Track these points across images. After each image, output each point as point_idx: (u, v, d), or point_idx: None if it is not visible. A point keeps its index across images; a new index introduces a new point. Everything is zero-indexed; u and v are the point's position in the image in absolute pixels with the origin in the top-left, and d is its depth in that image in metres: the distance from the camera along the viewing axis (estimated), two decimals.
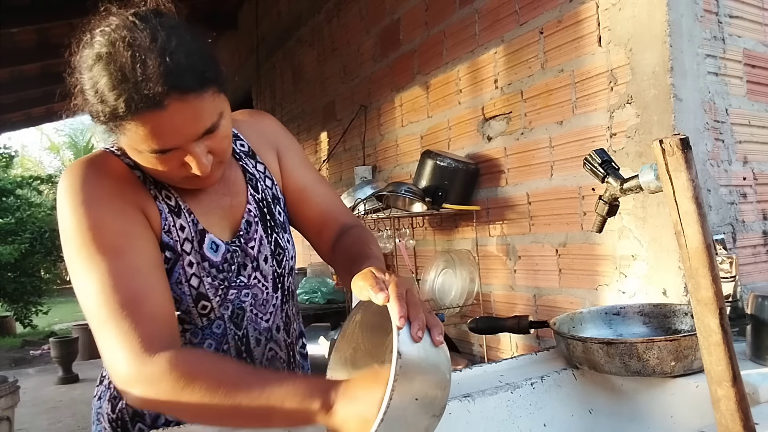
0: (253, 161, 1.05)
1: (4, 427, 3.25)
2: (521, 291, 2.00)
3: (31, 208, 9.69)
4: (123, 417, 0.98)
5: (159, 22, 0.78)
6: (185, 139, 0.80)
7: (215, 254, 0.94)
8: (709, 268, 0.64)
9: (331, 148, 3.51)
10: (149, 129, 0.77)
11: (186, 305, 0.92)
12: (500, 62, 2.03)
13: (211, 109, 0.81)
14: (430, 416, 0.65)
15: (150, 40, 0.75)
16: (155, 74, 0.74)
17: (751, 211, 1.57)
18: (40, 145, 34.62)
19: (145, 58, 0.74)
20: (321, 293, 3.08)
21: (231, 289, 0.96)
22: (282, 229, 1.05)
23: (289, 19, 4.08)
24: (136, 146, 0.81)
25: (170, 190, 0.93)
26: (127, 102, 0.74)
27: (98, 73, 0.76)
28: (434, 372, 0.64)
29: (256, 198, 1.02)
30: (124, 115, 0.75)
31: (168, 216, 0.91)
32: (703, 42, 1.49)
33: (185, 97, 0.77)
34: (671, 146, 0.67)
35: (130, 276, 0.81)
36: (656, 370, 0.95)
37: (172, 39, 0.77)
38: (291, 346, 1.08)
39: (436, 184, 2.10)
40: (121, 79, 0.74)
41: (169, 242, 0.90)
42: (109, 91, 0.75)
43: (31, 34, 4.64)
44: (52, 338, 6.53)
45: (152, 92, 0.74)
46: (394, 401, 0.60)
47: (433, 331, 0.66)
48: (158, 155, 0.81)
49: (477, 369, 1.14)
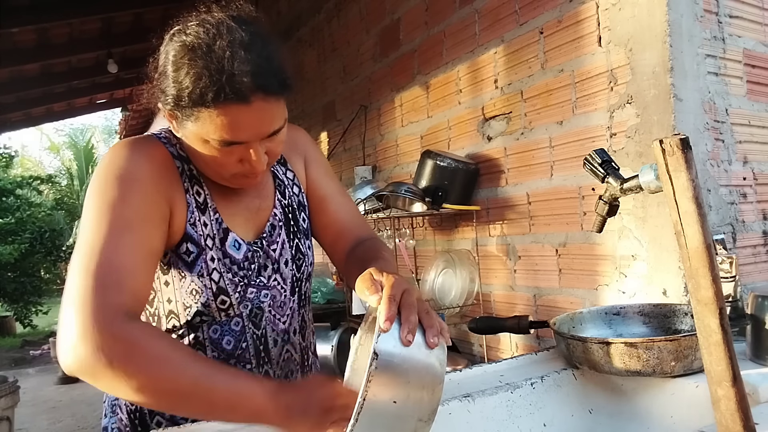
0: (283, 168, 1.10)
1: (4, 427, 3.25)
2: (521, 291, 2.00)
3: (31, 208, 9.70)
4: (142, 409, 0.99)
5: (254, 27, 0.86)
6: (256, 136, 0.85)
7: (237, 252, 0.97)
8: (709, 268, 0.64)
9: (331, 148, 3.51)
10: (229, 120, 0.82)
11: (206, 297, 0.94)
12: (500, 62, 2.03)
13: (282, 114, 0.88)
14: (416, 420, 0.63)
15: (248, 41, 0.82)
16: (248, 71, 0.80)
17: (751, 211, 1.57)
18: (40, 145, 34.62)
19: (241, 55, 0.81)
20: (321, 293, 3.08)
21: (250, 287, 0.99)
22: (304, 236, 1.09)
23: (289, 19, 4.08)
24: (205, 135, 0.84)
25: (203, 186, 0.97)
26: (217, 91, 0.79)
27: (192, 61, 0.81)
28: (419, 374, 0.62)
29: (283, 203, 1.07)
30: (210, 103, 0.80)
31: (195, 210, 0.94)
32: (703, 42, 1.49)
33: (268, 98, 0.83)
34: (671, 146, 0.67)
35: (123, 251, 0.82)
36: (656, 370, 0.95)
37: (266, 44, 0.85)
38: (305, 350, 1.10)
39: (436, 184, 2.10)
40: (216, 70, 0.80)
41: (193, 235, 0.94)
42: (202, 78, 0.80)
43: (31, 34, 4.63)
44: (52, 338, 6.54)
45: (243, 87, 0.80)
46: (369, 402, 0.59)
47: (427, 332, 0.66)
48: (223, 147, 0.85)
49: (477, 369, 1.14)
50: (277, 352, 1.03)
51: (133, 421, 0.99)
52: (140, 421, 0.99)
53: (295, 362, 1.07)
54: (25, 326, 9.23)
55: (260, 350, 1.00)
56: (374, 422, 0.60)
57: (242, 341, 0.99)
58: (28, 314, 9.10)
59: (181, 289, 0.95)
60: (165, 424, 0.97)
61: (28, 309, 9.08)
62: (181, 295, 0.95)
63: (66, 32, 4.64)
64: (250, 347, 0.99)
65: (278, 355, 1.03)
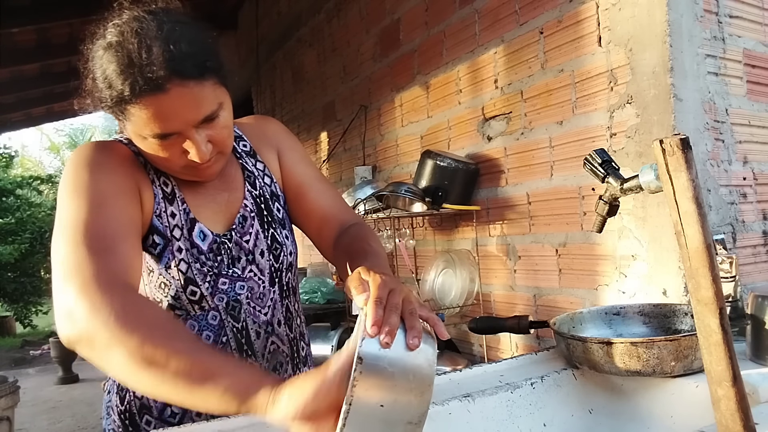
0: (253, 160, 1.08)
1: (4, 427, 3.25)
2: (521, 291, 2.00)
3: (31, 208, 9.69)
4: (131, 409, 0.99)
5: (166, 15, 0.85)
6: (185, 124, 0.84)
7: (203, 242, 0.97)
8: (709, 268, 0.64)
9: (331, 148, 3.51)
10: (151, 112, 0.81)
11: (175, 289, 0.94)
12: (500, 62, 2.03)
13: (211, 98, 0.86)
14: (405, 423, 0.61)
15: (156, 29, 0.81)
16: (159, 60, 0.79)
17: (751, 211, 1.57)
18: (40, 145, 34.58)
19: (150, 45, 0.80)
20: (321, 293, 3.08)
21: (221, 277, 0.97)
22: (280, 225, 1.07)
23: (289, 19, 4.08)
24: (139, 131, 0.85)
25: (169, 177, 0.97)
26: (132, 85, 0.79)
27: (107, 60, 0.82)
28: (405, 377, 0.61)
29: (254, 194, 1.05)
30: (129, 99, 0.80)
31: (161, 201, 0.95)
32: (703, 42, 1.49)
33: (186, 83, 0.82)
34: (671, 146, 0.67)
35: (107, 220, 0.83)
36: (656, 370, 0.95)
37: (177, 29, 0.83)
38: (294, 342, 1.08)
39: (436, 184, 2.10)
40: (127, 64, 0.80)
41: (158, 226, 0.94)
42: (117, 75, 0.80)
43: (31, 34, 4.63)
44: (52, 338, 6.52)
45: (155, 75, 0.79)
46: (355, 407, 0.58)
47: (408, 334, 0.63)
48: (160, 141, 0.85)
49: (477, 369, 1.14)
50: (261, 344, 1.01)
51: (124, 421, 0.99)
52: (130, 421, 0.99)
53: (284, 354, 1.05)
54: (25, 326, 9.23)
55: (242, 343, 0.99)
56: (362, 427, 0.59)
57: (222, 335, 0.98)
58: (28, 314, 9.10)
59: (150, 284, 0.94)
60: (154, 423, 0.97)
61: (28, 309, 9.07)
62: (151, 291, 0.95)
63: (66, 32, 4.64)
64: (231, 341, 0.99)
65: (263, 347, 1.02)
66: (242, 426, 0.90)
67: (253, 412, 0.64)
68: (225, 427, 0.90)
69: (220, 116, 0.88)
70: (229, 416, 0.94)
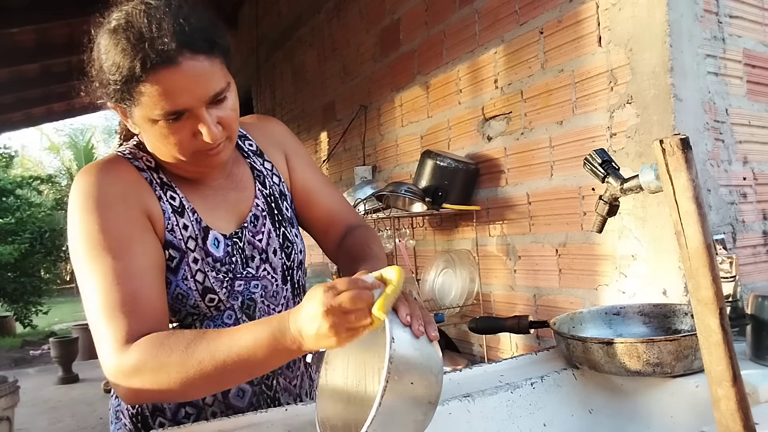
0: (260, 159, 1.09)
1: (4, 427, 3.25)
2: (521, 291, 2.00)
3: (31, 208, 9.69)
4: (143, 412, 0.99)
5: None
6: (197, 100, 0.84)
7: (217, 250, 0.97)
8: (709, 268, 0.64)
9: (331, 148, 3.51)
10: (164, 88, 0.81)
11: (194, 299, 0.95)
12: (500, 62, 2.03)
13: (220, 75, 0.87)
14: (426, 402, 0.69)
15: (165, 6, 0.83)
16: (169, 33, 0.80)
17: (751, 211, 1.57)
18: (40, 145, 34.55)
19: (160, 20, 0.81)
20: None
21: (237, 280, 0.99)
22: (290, 224, 1.09)
23: (289, 19, 4.08)
24: (149, 113, 0.84)
25: (176, 190, 0.96)
26: (143, 60, 0.79)
27: (114, 42, 0.82)
28: (429, 360, 0.70)
29: (264, 193, 1.06)
30: (139, 76, 0.80)
31: (171, 216, 0.94)
32: (703, 42, 1.49)
33: (196, 56, 0.82)
34: (671, 146, 0.67)
35: (128, 277, 0.85)
36: (656, 370, 0.95)
37: (185, 7, 0.85)
38: None
39: (436, 184, 2.10)
40: (138, 39, 0.80)
41: (173, 241, 0.94)
42: (126, 54, 0.80)
43: (31, 34, 4.63)
44: (52, 338, 6.53)
45: (167, 47, 0.79)
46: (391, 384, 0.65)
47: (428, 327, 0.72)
48: (171, 123, 0.85)
49: (477, 369, 1.14)
50: None
51: (136, 424, 0.99)
52: (143, 424, 0.99)
53: None
54: (25, 326, 9.22)
55: None
56: (397, 401, 0.66)
57: None
58: (28, 314, 9.09)
59: (168, 296, 0.94)
60: (168, 425, 0.97)
61: (28, 309, 9.06)
62: (170, 302, 0.95)
63: (66, 32, 4.64)
64: None
65: None
66: (242, 426, 0.90)
67: (298, 338, 0.73)
68: (225, 427, 0.90)
69: (228, 97, 0.89)
70: (230, 416, 0.94)
